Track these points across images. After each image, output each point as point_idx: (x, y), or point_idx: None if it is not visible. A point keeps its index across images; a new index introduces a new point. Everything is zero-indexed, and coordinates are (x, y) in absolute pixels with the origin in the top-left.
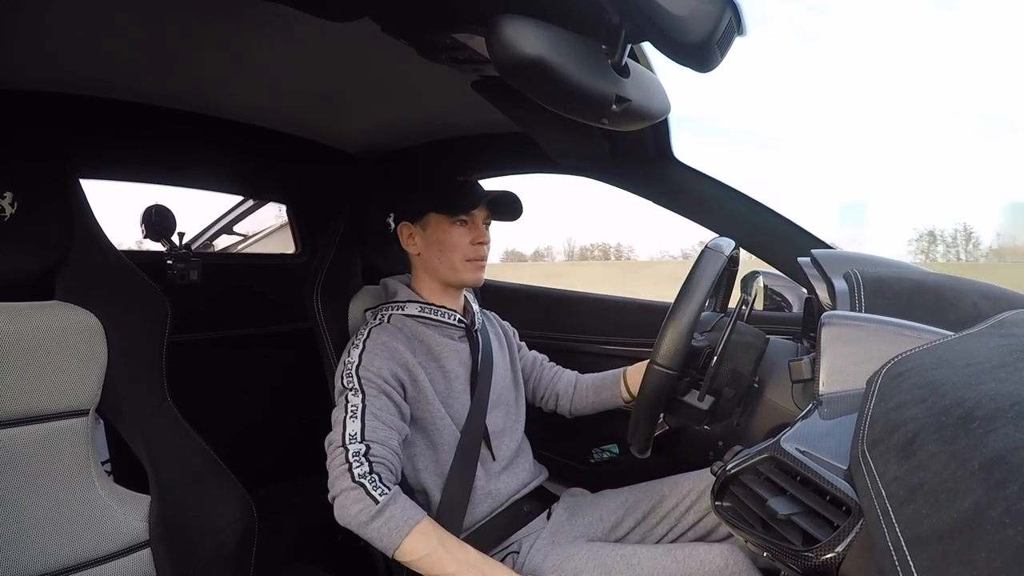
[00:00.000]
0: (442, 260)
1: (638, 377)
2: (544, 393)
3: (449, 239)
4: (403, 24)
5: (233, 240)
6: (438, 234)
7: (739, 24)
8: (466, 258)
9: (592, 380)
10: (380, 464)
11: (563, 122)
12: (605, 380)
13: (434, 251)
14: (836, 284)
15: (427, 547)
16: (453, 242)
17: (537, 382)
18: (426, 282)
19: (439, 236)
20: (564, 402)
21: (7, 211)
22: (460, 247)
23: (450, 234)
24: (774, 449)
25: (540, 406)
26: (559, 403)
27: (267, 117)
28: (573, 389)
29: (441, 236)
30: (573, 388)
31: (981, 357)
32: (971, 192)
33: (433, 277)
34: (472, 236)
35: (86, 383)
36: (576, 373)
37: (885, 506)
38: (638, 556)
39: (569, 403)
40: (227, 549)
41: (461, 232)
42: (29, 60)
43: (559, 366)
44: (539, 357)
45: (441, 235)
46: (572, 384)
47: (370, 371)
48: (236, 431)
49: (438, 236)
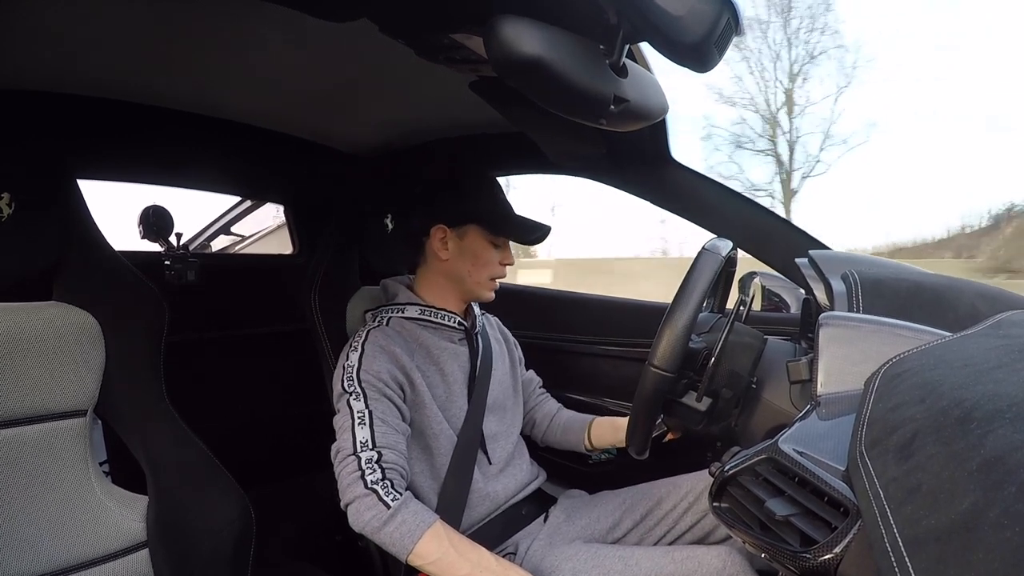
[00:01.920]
0: (471, 273)
1: (601, 430)
2: (525, 415)
3: (486, 256)
4: (401, 24)
5: (231, 241)
6: (475, 248)
7: (737, 24)
8: (492, 276)
9: (565, 419)
10: (392, 470)
11: (561, 122)
12: (573, 424)
13: (467, 262)
14: (834, 285)
15: (439, 550)
16: (487, 258)
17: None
18: (439, 286)
19: (476, 250)
20: (537, 431)
21: (4, 212)
22: (490, 265)
23: (488, 251)
24: (772, 450)
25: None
26: (533, 430)
27: (265, 117)
28: (549, 422)
29: (478, 251)
30: (549, 421)
31: (979, 358)
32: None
33: (454, 285)
34: (502, 257)
35: (84, 384)
36: (559, 406)
37: (883, 507)
38: (636, 557)
39: (541, 433)
40: (225, 549)
41: (495, 253)
42: (26, 60)
43: (547, 394)
44: (535, 379)
45: (479, 250)
46: (549, 417)
47: (370, 374)
48: (234, 431)
49: (475, 250)
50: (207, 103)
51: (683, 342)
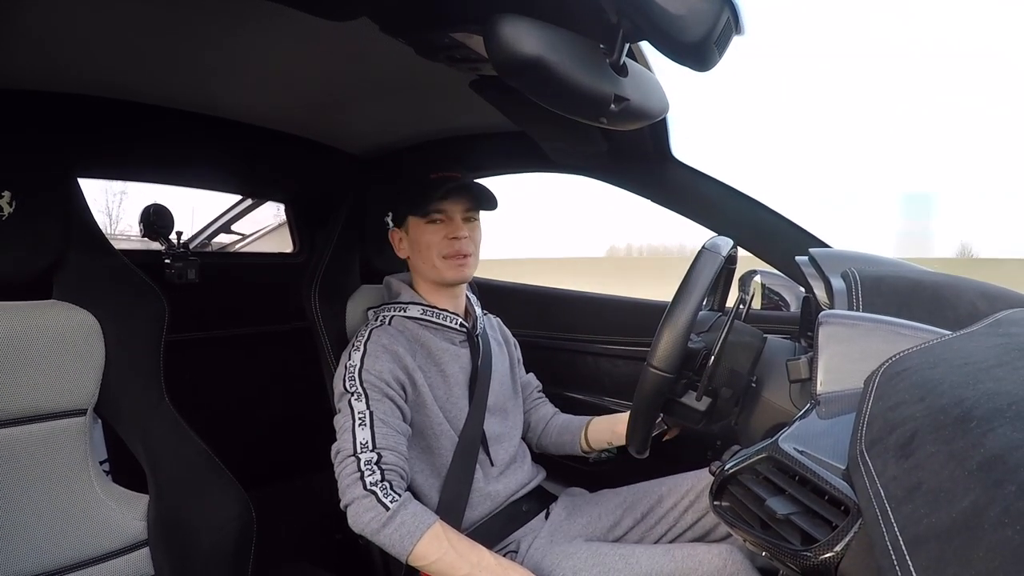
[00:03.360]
0: (423, 261)
1: (598, 430)
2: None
3: (424, 239)
4: (401, 23)
5: (231, 239)
6: (416, 235)
7: (737, 23)
8: (441, 255)
9: (561, 422)
10: (391, 471)
11: (562, 121)
12: (570, 425)
13: (418, 252)
14: (834, 283)
15: (439, 551)
16: (428, 241)
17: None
18: (421, 284)
19: (417, 237)
20: (532, 434)
21: (5, 210)
22: (434, 245)
23: (425, 233)
24: (772, 449)
25: None
26: (527, 434)
27: (265, 116)
28: (544, 425)
29: (418, 237)
30: (544, 425)
31: (979, 356)
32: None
33: (424, 279)
34: (447, 231)
35: (84, 383)
36: (555, 410)
37: (883, 506)
38: (636, 555)
39: (536, 436)
40: (225, 548)
41: (435, 230)
42: (27, 59)
43: (545, 398)
44: (533, 383)
45: (418, 236)
46: (545, 420)
47: (372, 374)
48: (234, 430)
49: (416, 237)
50: (208, 102)
51: (682, 343)
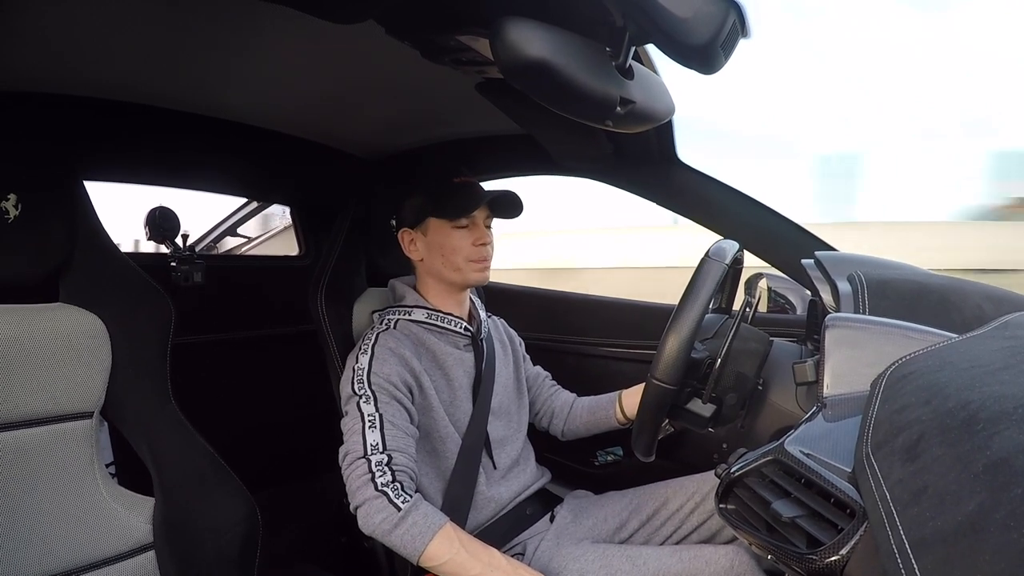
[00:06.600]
0: (445, 264)
1: (633, 400)
2: (540, 410)
3: (451, 243)
4: (407, 26)
5: (237, 242)
6: (439, 239)
7: (743, 26)
8: (469, 259)
9: (588, 402)
10: (402, 472)
11: (567, 124)
12: (600, 402)
13: (436, 256)
14: (840, 286)
15: (450, 551)
16: (455, 245)
17: (535, 397)
18: (432, 286)
19: (440, 240)
20: (558, 421)
21: (11, 213)
22: (462, 250)
23: (451, 238)
24: (778, 452)
25: (534, 423)
26: (552, 422)
27: (271, 119)
28: (569, 409)
29: (443, 240)
30: (569, 409)
31: (985, 359)
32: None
33: (439, 281)
34: (474, 237)
35: (90, 385)
36: (574, 395)
37: (889, 509)
38: (643, 556)
39: (563, 423)
40: (231, 551)
41: (462, 235)
42: (33, 61)
43: (559, 385)
44: (542, 373)
45: (442, 239)
46: (568, 404)
47: (380, 377)
48: (240, 433)
49: (439, 241)
50: (214, 105)
51: (685, 354)
